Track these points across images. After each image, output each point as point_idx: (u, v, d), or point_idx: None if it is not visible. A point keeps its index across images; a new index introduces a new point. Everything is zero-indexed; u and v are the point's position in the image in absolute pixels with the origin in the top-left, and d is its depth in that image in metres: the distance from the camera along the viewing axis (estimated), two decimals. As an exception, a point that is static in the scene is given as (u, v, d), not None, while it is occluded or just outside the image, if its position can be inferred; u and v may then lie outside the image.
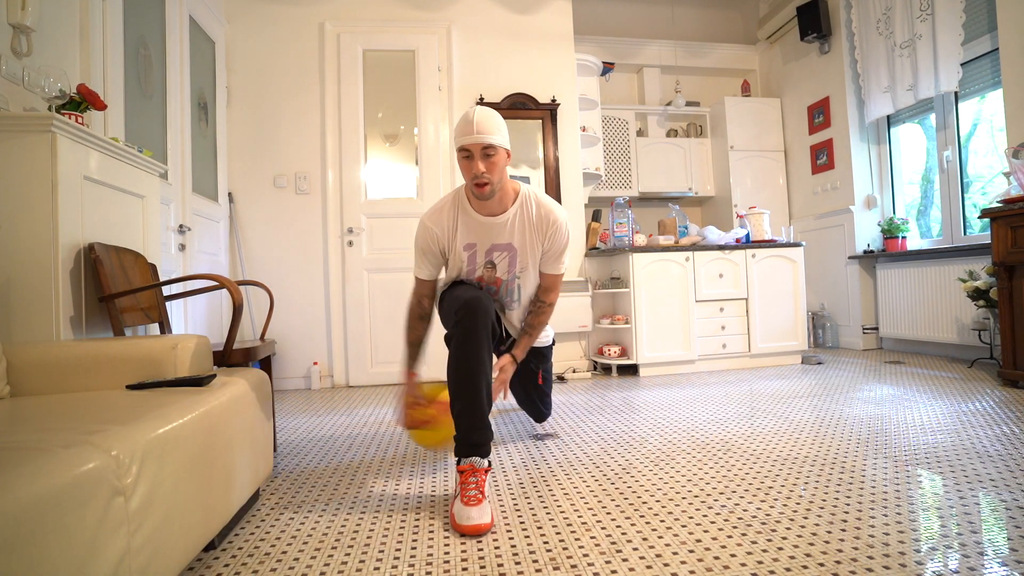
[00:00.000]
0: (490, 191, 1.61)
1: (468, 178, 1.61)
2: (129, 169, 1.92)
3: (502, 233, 1.71)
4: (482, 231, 1.71)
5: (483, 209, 1.70)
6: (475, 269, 1.76)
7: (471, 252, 1.74)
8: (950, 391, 2.65)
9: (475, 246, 1.73)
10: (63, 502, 0.69)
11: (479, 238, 1.72)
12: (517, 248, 1.74)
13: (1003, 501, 1.37)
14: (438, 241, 1.74)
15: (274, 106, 3.66)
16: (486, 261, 1.74)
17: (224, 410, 1.22)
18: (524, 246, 1.74)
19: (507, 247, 1.73)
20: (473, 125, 1.54)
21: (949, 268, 3.53)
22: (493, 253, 1.74)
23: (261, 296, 3.57)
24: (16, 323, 1.52)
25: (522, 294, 1.84)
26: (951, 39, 3.45)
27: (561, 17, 4.01)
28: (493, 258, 1.74)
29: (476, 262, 1.75)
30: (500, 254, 1.73)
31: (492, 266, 1.75)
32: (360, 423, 2.53)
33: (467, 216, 1.71)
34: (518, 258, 1.75)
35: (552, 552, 1.20)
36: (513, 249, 1.73)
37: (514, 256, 1.74)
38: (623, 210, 3.67)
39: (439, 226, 1.73)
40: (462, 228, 1.72)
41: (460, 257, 1.75)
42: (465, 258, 1.75)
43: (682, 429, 2.18)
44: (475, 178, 1.58)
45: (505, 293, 1.81)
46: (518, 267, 1.77)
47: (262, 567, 1.18)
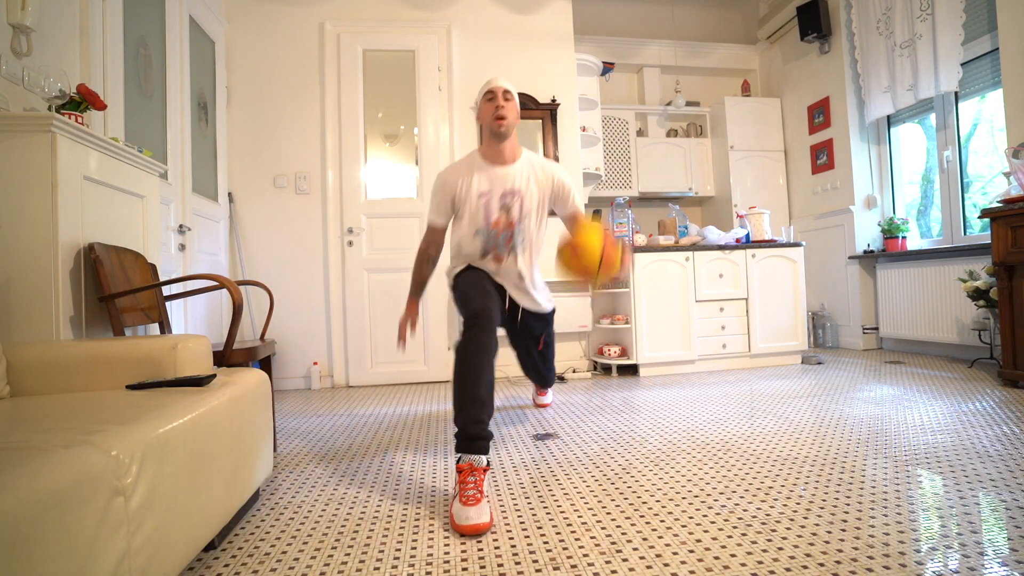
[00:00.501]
0: (507, 127, 1.90)
1: (490, 115, 1.90)
2: (129, 169, 1.92)
3: (512, 180, 1.97)
4: (495, 179, 1.96)
5: (496, 159, 1.97)
6: (491, 213, 1.97)
7: (486, 199, 1.96)
8: (950, 391, 2.65)
9: (488, 193, 1.96)
10: (63, 502, 0.69)
11: (492, 185, 1.96)
12: (525, 192, 1.98)
13: (1003, 501, 1.37)
14: (453, 190, 1.99)
15: (274, 106, 3.66)
16: (501, 205, 1.97)
17: (224, 410, 1.22)
18: (530, 191, 1.99)
19: (517, 192, 1.97)
20: (498, 77, 1.95)
21: (949, 268, 3.53)
22: (506, 198, 1.97)
23: (261, 296, 3.57)
24: (16, 323, 1.52)
25: (527, 238, 2.03)
26: (951, 39, 3.45)
27: (561, 17, 4.01)
28: (507, 202, 1.97)
29: (491, 207, 1.97)
30: (512, 198, 1.97)
31: (507, 209, 1.97)
32: (360, 423, 2.53)
33: (481, 169, 1.98)
34: (524, 201, 1.98)
35: (552, 552, 1.20)
36: (521, 193, 1.97)
37: (522, 199, 1.98)
38: (623, 210, 3.67)
39: (455, 177, 1.99)
40: (477, 179, 1.97)
41: (476, 205, 1.96)
42: (481, 205, 1.96)
43: (682, 429, 2.18)
44: (497, 110, 1.89)
45: (519, 234, 2.01)
46: (527, 207, 1.99)
47: (262, 567, 1.18)
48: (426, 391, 3.35)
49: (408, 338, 2.08)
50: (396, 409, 2.82)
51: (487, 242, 2.00)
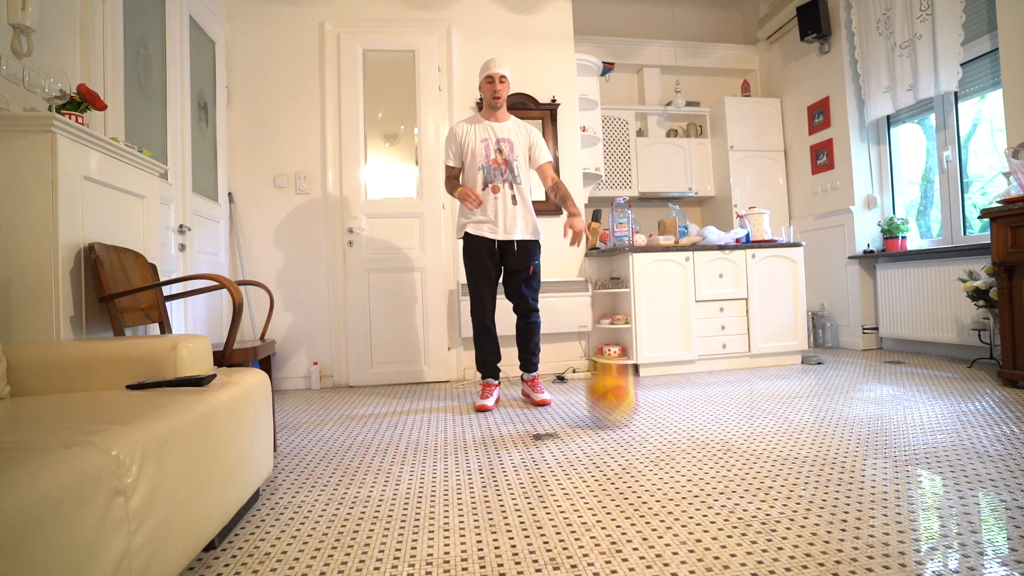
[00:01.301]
0: (501, 102, 2.78)
1: (489, 93, 2.75)
2: (129, 169, 1.92)
3: (504, 131, 2.79)
4: (492, 130, 2.78)
5: (492, 118, 2.81)
6: (490, 152, 2.74)
7: (486, 143, 2.75)
8: (950, 391, 2.65)
9: (488, 139, 2.76)
10: (63, 502, 0.69)
11: (489, 135, 2.77)
12: (513, 141, 2.78)
13: (1003, 501, 1.37)
14: (462, 138, 2.78)
15: (274, 106, 3.66)
16: (497, 147, 2.75)
17: (224, 410, 1.22)
18: (517, 141, 2.79)
19: (507, 140, 2.78)
20: (496, 62, 2.76)
21: (949, 268, 3.53)
22: (500, 143, 2.76)
23: (261, 296, 3.57)
24: (16, 323, 1.52)
25: (521, 174, 2.78)
26: (951, 39, 3.45)
27: (561, 17, 4.01)
28: (500, 146, 2.76)
29: (490, 148, 2.75)
30: (504, 143, 2.77)
31: (500, 151, 2.75)
32: (360, 423, 2.53)
33: (481, 124, 2.80)
34: (515, 147, 2.78)
35: (552, 552, 1.20)
36: (511, 141, 2.78)
37: (511, 145, 2.77)
38: (623, 210, 3.67)
39: (462, 129, 2.80)
40: (478, 130, 2.78)
41: (479, 147, 2.74)
42: (482, 147, 2.74)
43: (682, 429, 2.18)
44: (495, 93, 2.74)
45: (510, 171, 2.75)
46: (515, 152, 2.77)
47: (262, 567, 1.18)
48: (426, 391, 3.35)
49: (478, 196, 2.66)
50: (396, 409, 2.82)
51: (487, 174, 2.73)
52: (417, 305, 3.68)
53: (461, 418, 2.56)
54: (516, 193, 2.75)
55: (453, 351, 3.73)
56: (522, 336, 2.84)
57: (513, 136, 2.78)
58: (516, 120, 2.87)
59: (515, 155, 2.76)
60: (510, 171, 2.74)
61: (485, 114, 2.82)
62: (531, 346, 2.83)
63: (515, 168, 2.75)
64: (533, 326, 2.82)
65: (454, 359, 3.74)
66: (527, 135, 2.83)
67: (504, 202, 2.72)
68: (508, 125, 2.81)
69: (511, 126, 2.81)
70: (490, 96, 2.74)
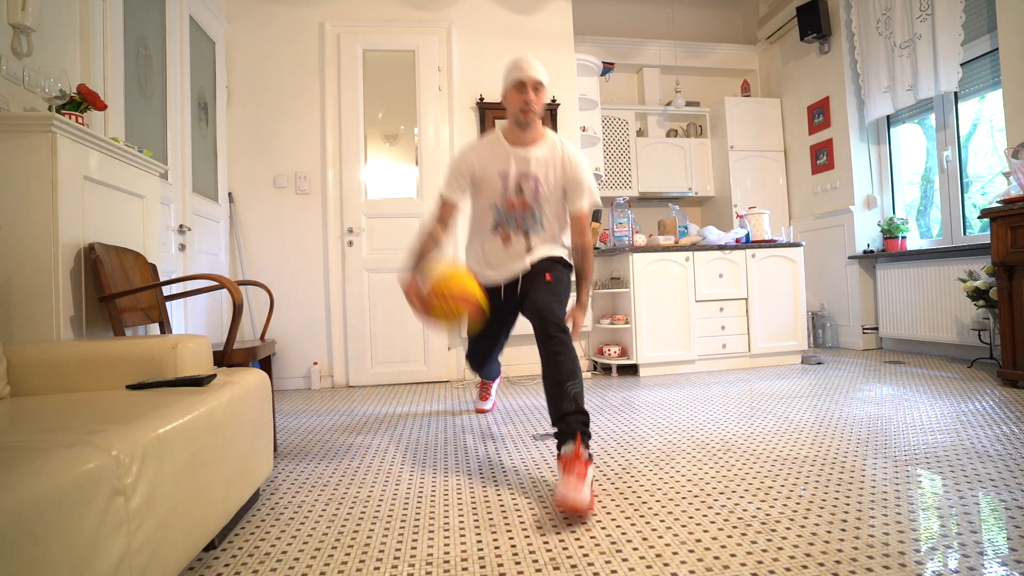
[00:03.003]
0: (532, 118, 1.91)
1: (517, 106, 1.89)
2: (129, 169, 1.92)
3: (530, 164, 1.97)
4: (514, 160, 1.97)
5: (516, 141, 1.97)
6: (508, 190, 1.99)
7: (503, 178, 1.98)
8: (950, 391, 2.65)
9: (506, 173, 1.98)
10: (63, 502, 0.69)
11: (510, 166, 1.97)
12: (541, 177, 1.98)
13: (1003, 501, 1.37)
14: (472, 167, 2.00)
15: (274, 106, 3.66)
16: (516, 187, 1.98)
17: (224, 410, 1.22)
18: (547, 179, 1.98)
19: (533, 176, 1.97)
20: (528, 64, 1.89)
21: (949, 268, 3.53)
22: (522, 180, 1.98)
23: (261, 296, 3.57)
24: (16, 323, 1.52)
25: (546, 221, 2.04)
26: (951, 39, 3.45)
27: (561, 17, 4.01)
28: (523, 184, 1.98)
29: (509, 187, 1.99)
30: (528, 179, 1.98)
31: (521, 191, 1.99)
32: (360, 423, 2.53)
33: (501, 148, 1.99)
34: (542, 188, 1.98)
35: (552, 552, 1.20)
36: (537, 178, 1.98)
37: (538, 183, 1.98)
38: (623, 210, 3.67)
39: (477, 154, 2.01)
40: (497, 158, 1.99)
41: (494, 182, 1.99)
42: (499, 183, 1.99)
43: (682, 429, 2.18)
44: (525, 104, 1.87)
45: (532, 218, 2.02)
46: (542, 192, 1.99)
47: (262, 567, 1.18)
48: (426, 391, 3.35)
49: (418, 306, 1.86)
50: (396, 409, 2.82)
51: (498, 217, 2.02)
52: (417, 305, 3.68)
53: (461, 418, 2.56)
54: (532, 244, 2.03)
55: (453, 351, 3.73)
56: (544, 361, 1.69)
57: (543, 169, 1.96)
58: (553, 141, 1.99)
59: (542, 197, 1.98)
60: (531, 218, 2.00)
61: (509, 133, 1.98)
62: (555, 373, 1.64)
63: (538, 215, 2.00)
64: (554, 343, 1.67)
65: (454, 359, 3.73)
66: (565, 166, 1.97)
67: (516, 251, 2.04)
68: (539, 154, 1.96)
69: (544, 155, 1.97)
70: (518, 108, 1.89)
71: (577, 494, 1.34)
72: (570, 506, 1.34)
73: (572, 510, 1.36)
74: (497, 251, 2.06)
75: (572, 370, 1.63)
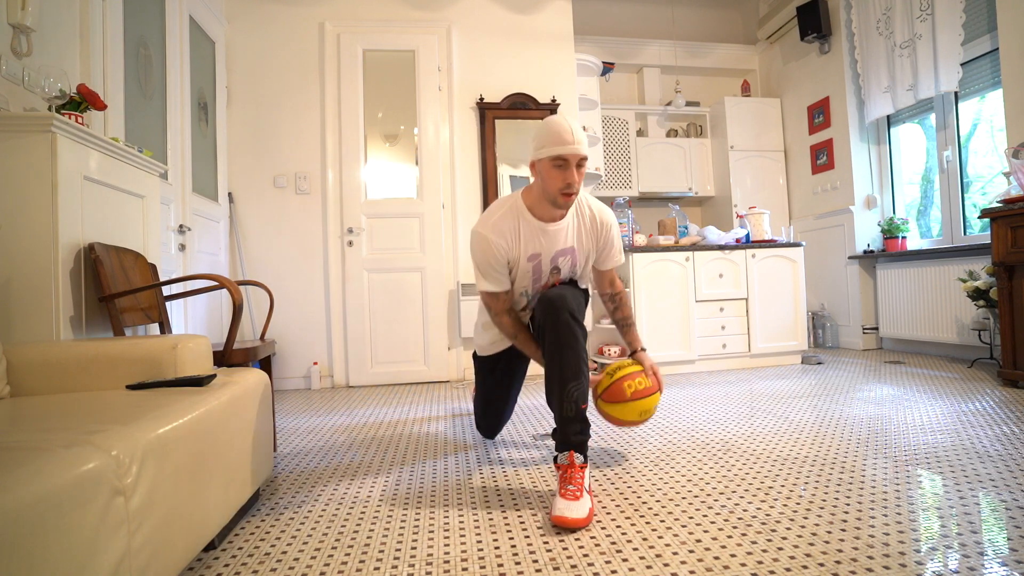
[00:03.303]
0: (573, 201, 1.64)
1: (558, 186, 1.59)
2: (129, 169, 1.92)
3: (564, 239, 1.73)
4: (546, 239, 1.70)
5: (545, 216, 1.69)
6: (541, 277, 1.76)
7: (536, 262, 1.72)
8: (950, 391, 2.65)
9: (539, 256, 1.72)
10: (63, 502, 0.69)
11: (543, 247, 1.71)
12: (577, 250, 1.77)
13: (1003, 501, 1.37)
14: (506, 255, 1.70)
15: (274, 106, 3.66)
16: (552, 267, 1.76)
17: (224, 410, 1.22)
18: (583, 248, 1.78)
19: (569, 251, 1.75)
20: (573, 135, 1.56)
21: (949, 268, 3.53)
22: (556, 259, 1.75)
23: (261, 296, 3.57)
24: (16, 323, 1.52)
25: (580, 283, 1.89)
26: (951, 39, 3.45)
27: (561, 17, 4.01)
28: (558, 263, 1.76)
29: (542, 270, 1.75)
30: (564, 259, 1.76)
31: (558, 271, 1.78)
32: (360, 423, 2.53)
33: (528, 225, 1.69)
34: (579, 259, 1.78)
35: (552, 552, 1.20)
36: (575, 252, 1.76)
37: (575, 258, 1.78)
38: (623, 210, 3.67)
39: (503, 238, 1.68)
40: (525, 238, 1.69)
41: (525, 268, 1.72)
42: (530, 268, 1.73)
43: (682, 429, 2.18)
44: (568, 187, 1.58)
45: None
46: (579, 267, 1.81)
47: (262, 567, 1.18)
48: (426, 391, 3.35)
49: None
50: (396, 409, 2.82)
51: (529, 301, 1.82)
52: (417, 305, 3.68)
53: (461, 418, 2.56)
54: None
55: (453, 351, 3.73)
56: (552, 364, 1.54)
57: (576, 240, 1.75)
58: (581, 216, 1.75)
59: (577, 267, 1.80)
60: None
61: (537, 208, 1.68)
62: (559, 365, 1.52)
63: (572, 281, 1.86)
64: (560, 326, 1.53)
65: (454, 359, 3.73)
66: (598, 230, 1.77)
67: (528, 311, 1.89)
68: (568, 225, 1.72)
69: (572, 226, 1.73)
70: (558, 191, 1.60)
71: (573, 513, 1.31)
72: (568, 525, 1.30)
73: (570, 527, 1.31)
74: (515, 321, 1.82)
75: (577, 368, 1.51)
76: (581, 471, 1.44)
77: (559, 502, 1.35)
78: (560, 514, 1.31)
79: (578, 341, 1.53)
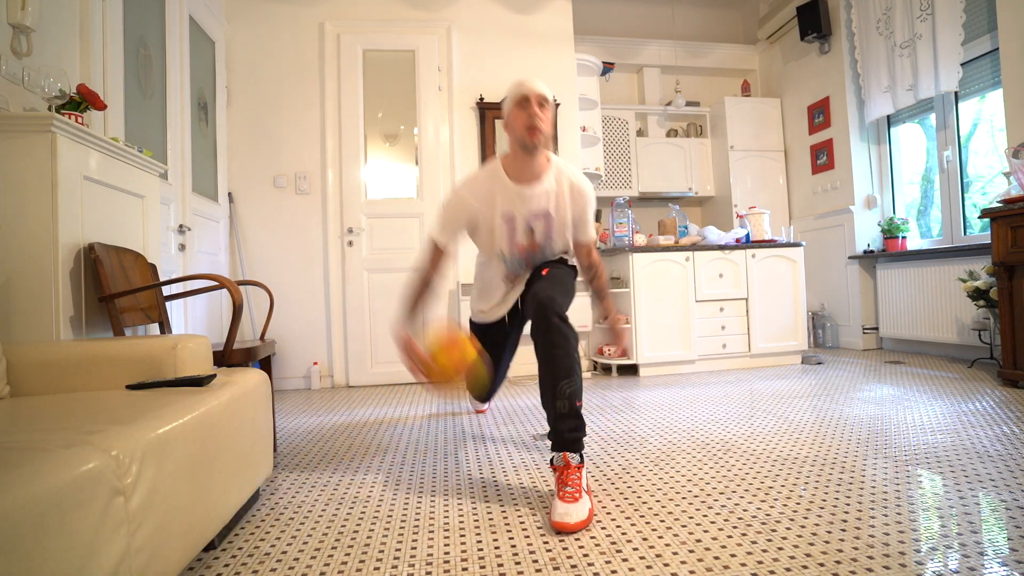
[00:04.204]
0: (540, 139, 1.65)
1: (523, 124, 1.64)
2: (129, 169, 1.92)
3: (539, 203, 1.77)
4: (520, 202, 1.75)
5: (520, 178, 1.74)
6: (516, 235, 1.81)
7: (511, 223, 1.78)
8: (950, 391, 2.65)
9: (514, 217, 1.77)
10: (63, 502, 0.69)
11: (517, 207, 1.76)
12: (553, 215, 1.79)
13: (1003, 501, 1.37)
14: (472, 211, 1.77)
15: (274, 106, 3.66)
16: (526, 228, 1.80)
17: (224, 410, 1.22)
18: (559, 214, 1.80)
19: (543, 214, 1.78)
20: (532, 79, 1.68)
21: (949, 268, 3.53)
22: (533, 220, 1.79)
23: (261, 296, 3.57)
24: (16, 323, 1.52)
25: (550, 254, 1.91)
26: (951, 39, 3.45)
27: (561, 17, 4.01)
28: (533, 224, 1.80)
29: (516, 231, 1.80)
30: (538, 221, 1.79)
31: (531, 232, 1.81)
32: (360, 423, 2.53)
33: (504, 187, 1.74)
34: (554, 224, 1.81)
35: (552, 552, 1.20)
36: (549, 216, 1.79)
37: (550, 222, 1.80)
38: (623, 210, 3.67)
39: (476, 196, 1.76)
40: (500, 198, 1.75)
41: (500, 228, 1.79)
42: (505, 229, 1.79)
43: (682, 429, 2.18)
44: (531, 120, 1.62)
45: (539, 255, 1.89)
46: (554, 232, 1.83)
47: (262, 567, 1.18)
48: (426, 391, 3.35)
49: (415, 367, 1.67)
50: (396, 409, 2.82)
51: (509, 268, 1.89)
52: (417, 305, 3.68)
53: (461, 418, 2.56)
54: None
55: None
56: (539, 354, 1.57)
57: (554, 204, 1.77)
58: (558, 168, 1.79)
59: (554, 232, 1.82)
60: (540, 255, 1.88)
61: (512, 167, 1.74)
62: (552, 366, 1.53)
63: (547, 252, 1.88)
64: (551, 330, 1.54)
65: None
66: (575, 197, 1.80)
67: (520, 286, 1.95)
68: (546, 187, 1.75)
69: (552, 187, 1.76)
70: (524, 127, 1.63)
71: (572, 518, 1.30)
72: (568, 530, 1.29)
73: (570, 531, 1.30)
74: (501, 290, 1.97)
75: (569, 367, 1.51)
76: (578, 471, 1.44)
77: (558, 506, 1.34)
78: (560, 520, 1.30)
79: (568, 341, 1.53)
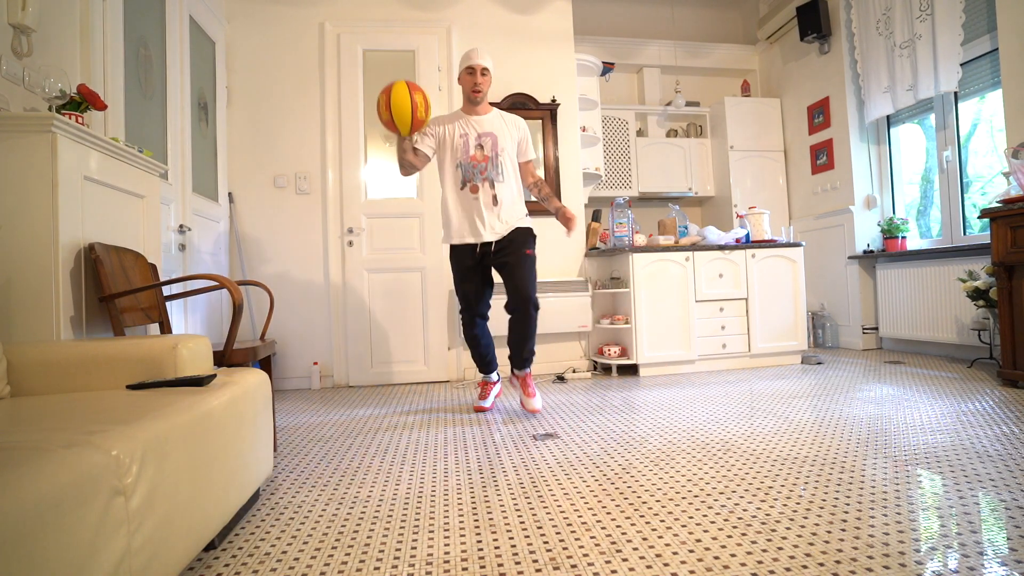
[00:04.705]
0: (481, 96, 2.57)
1: (469, 86, 2.55)
2: (129, 169, 1.92)
3: (486, 125, 2.59)
4: (472, 125, 2.59)
5: (473, 112, 2.61)
6: (469, 149, 2.55)
7: (464, 138, 2.56)
8: (950, 391, 2.65)
9: (467, 134, 2.57)
10: (63, 502, 0.69)
11: (469, 129, 2.58)
12: (497, 134, 2.57)
13: (1003, 501, 1.37)
14: (440, 130, 2.58)
15: (274, 106, 3.66)
16: (477, 143, 2.56)
17: (224, 410, 1.22)
18: (502, 133, 2.58)
19: (489, 134, 2.57)
20: (478, 53, 2.54)
21: (949, 268, 3.53)
22: (482, 138, 2.56)
23: (261, 296, 3.57)
24: (16, 323, 1.52)
25: (505, 171, 2.58)
26: (951, 39, 3.45)
27: (561, 17, 4.01)
28: (481, 141, 2.56)
29: (469, 144, 2.56)
30: (485, 138, 2.56)
31: (481, 147, 2.56)
32: (360, 423, 2.53)
33: (463, 118, 2.61)
34: (498, 141, 2.57)
35: (552, 552, 1.20)
36: (494, 135, 2.57)
37: (495, 139, 2.57)
38: (623, 210, 3.67)
39: (442, 123, 2.61)
40: (459, 124, 2.59)
41: (456, 141, 2.56)
42: (460, 142, 2.56)
43: (682, 429, 2.18)
44: (475, 85, 2.53)
45: (493, 168, 2.55)
46: (499, 147, 2.56)
47: (262, 567, 1.18)
48: (426, 391, 3.35)
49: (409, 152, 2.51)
50: (396, 409, 2.82)
51: (465, 173, 2.54)
52: (417, 305, 3.68)
53: (461, 418, 2.56)
54: (497, 193, 2.53)
55: (453, 351, 3.73)
56: (513, 326, 2.53)
57: (497, 129, 2.57)
58: (500, 112, 2.65)
59: (500, 149, 2.55)
60: (493, 168, 2.53)
61: (465, 109, 2.61)
62: (522, 337, 2.52)
63: (499, 165, 2.54)
64: (527, 318, 2.48)
65: (454, 359, 3.74)
66: (515, 128, 2.62)
67: (485, 202, 2.51)
68: (490, 118, 2.59)
69: (494, 119, 2.60)
70: (470, 89, 2.53)
71: (534, 401, 2.54)
72: (531, 409, 2.54)
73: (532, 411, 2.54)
74: (468, 206, 2.54)
75: (532, 335, 2.56)
76: (531, 377, 2.62)
77: (528, 400, 2.55)
78: (533, 406, 2.53)
79: (535, 323, 2.54)
